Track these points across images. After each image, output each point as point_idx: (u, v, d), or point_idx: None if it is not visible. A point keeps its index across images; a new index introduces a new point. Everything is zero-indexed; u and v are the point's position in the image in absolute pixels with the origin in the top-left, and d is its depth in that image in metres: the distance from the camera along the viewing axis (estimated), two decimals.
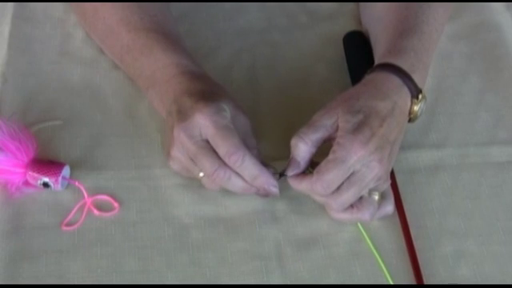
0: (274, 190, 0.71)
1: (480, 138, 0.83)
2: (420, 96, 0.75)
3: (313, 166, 0.70)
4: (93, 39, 0.87)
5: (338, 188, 0.69)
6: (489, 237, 0.75)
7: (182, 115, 0.70)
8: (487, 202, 0.78)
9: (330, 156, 0.68)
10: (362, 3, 0.92)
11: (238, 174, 0.70)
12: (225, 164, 0.70)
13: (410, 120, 0.76)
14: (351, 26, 0.92)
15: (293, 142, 0.70)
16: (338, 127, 0.69)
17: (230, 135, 0.69)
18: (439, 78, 0.88)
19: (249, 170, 0.70)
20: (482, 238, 0.75)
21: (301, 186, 0.70)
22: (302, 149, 0.70)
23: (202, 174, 0.72)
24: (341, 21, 0.93)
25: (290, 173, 0.71)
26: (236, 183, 0.71)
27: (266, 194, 0.72)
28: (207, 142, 0.70)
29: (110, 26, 0.81)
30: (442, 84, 0.88)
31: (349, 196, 0.70)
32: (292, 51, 0.91)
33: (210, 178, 0.71)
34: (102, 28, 0.82)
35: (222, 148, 0.69)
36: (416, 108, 0.75)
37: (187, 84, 0.74)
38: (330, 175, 0.68)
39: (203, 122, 0.69)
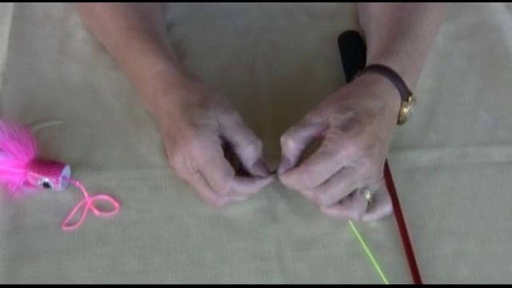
0: (270, 180, 0.73)
1: (480, 138, 0.83)
2: (410, 98, 0.75)
3: None
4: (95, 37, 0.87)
5: (328, 181, 0.69)
6: (489, 237, 0.75)
7: (171, 143, 0.71)
8: (487, 202, 0.78)
9: (320, 149, 0.69)
10: (360, 3, 0.92)
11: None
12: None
13: (398, 122, 0.76)
14: (350, 26, 0.92)
15: (282, 139, 0.71)
16: (328, 125, 0.70)
17: (216, 167, 0.69)
18: (439, 78, 0.88)
19: (242, 193, 0.72)
20: (481, 237, 0.75)
21: (289, 179, 0.71)
22: (291, 146, 0.70)
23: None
24: (340, 21, 0.93)
25: (280, 170, 0.71)
26: (238, 200, 0.74)
27: None
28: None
29: (103, 24, 0.81)
30: (441, 84, 0.88)
31: (338, 190, 0.70)
32: (292, 51, 0.91)
33: (212, 206, 0.74)
34: (98, 26, 0.83)
35: (210, 181, 0.71)
36: (405, 110, 0.75)
37: (163, 95, 0.73)
38: (317, 166, 0.68)
39: (190, 155, 0.70)
